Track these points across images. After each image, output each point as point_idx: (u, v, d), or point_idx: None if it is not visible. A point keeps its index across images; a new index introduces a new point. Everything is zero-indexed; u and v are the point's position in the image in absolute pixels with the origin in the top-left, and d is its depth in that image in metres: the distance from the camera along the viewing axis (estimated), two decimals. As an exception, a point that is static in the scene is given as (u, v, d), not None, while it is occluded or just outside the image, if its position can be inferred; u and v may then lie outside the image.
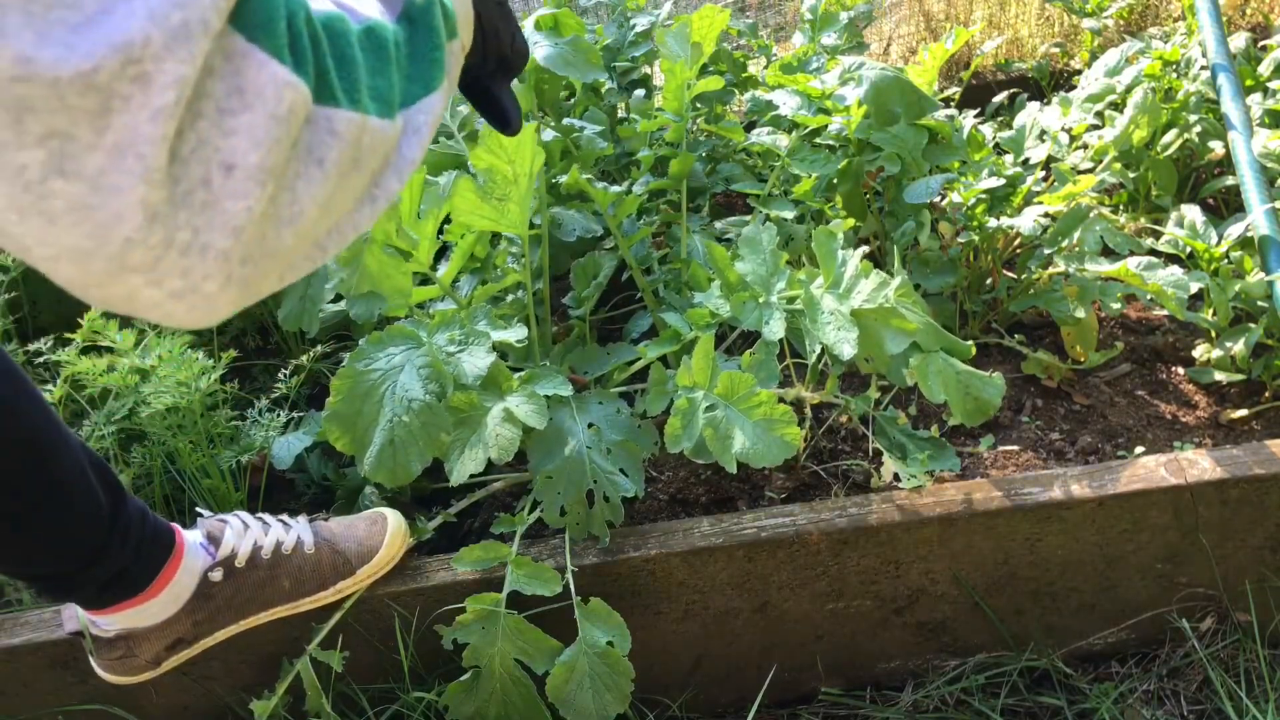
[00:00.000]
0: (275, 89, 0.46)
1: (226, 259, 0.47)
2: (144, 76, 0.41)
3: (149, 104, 0.41)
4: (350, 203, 0.55)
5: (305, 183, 0.50)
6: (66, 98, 0.39)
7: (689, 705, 1.40)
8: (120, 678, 1.17)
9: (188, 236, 0.45)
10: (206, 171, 0.45)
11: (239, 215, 0.46)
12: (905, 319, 1.24)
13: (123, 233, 0.43)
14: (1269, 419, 1.57)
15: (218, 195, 0.46)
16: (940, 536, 1.29)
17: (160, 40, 0.41)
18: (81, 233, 0.42)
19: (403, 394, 1.17)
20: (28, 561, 1.03)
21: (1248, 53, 2.10)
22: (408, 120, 0.58)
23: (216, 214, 0.46)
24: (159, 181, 0.43)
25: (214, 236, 0.46)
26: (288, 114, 0.47)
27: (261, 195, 0.47)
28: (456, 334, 1.25)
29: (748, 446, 1.16)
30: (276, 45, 0.47)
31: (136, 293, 0.46)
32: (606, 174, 1.97)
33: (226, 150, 0.45)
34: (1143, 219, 1.90)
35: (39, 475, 0.96)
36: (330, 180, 0.52)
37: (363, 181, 0.55)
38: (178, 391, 1.37)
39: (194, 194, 0.45)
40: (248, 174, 0.46)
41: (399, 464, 1.16)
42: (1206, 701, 1.35)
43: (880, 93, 1.68)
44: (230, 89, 0.45)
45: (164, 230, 0.44)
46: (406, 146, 0.58)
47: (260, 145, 0.46)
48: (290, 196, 0.49)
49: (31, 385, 0.97)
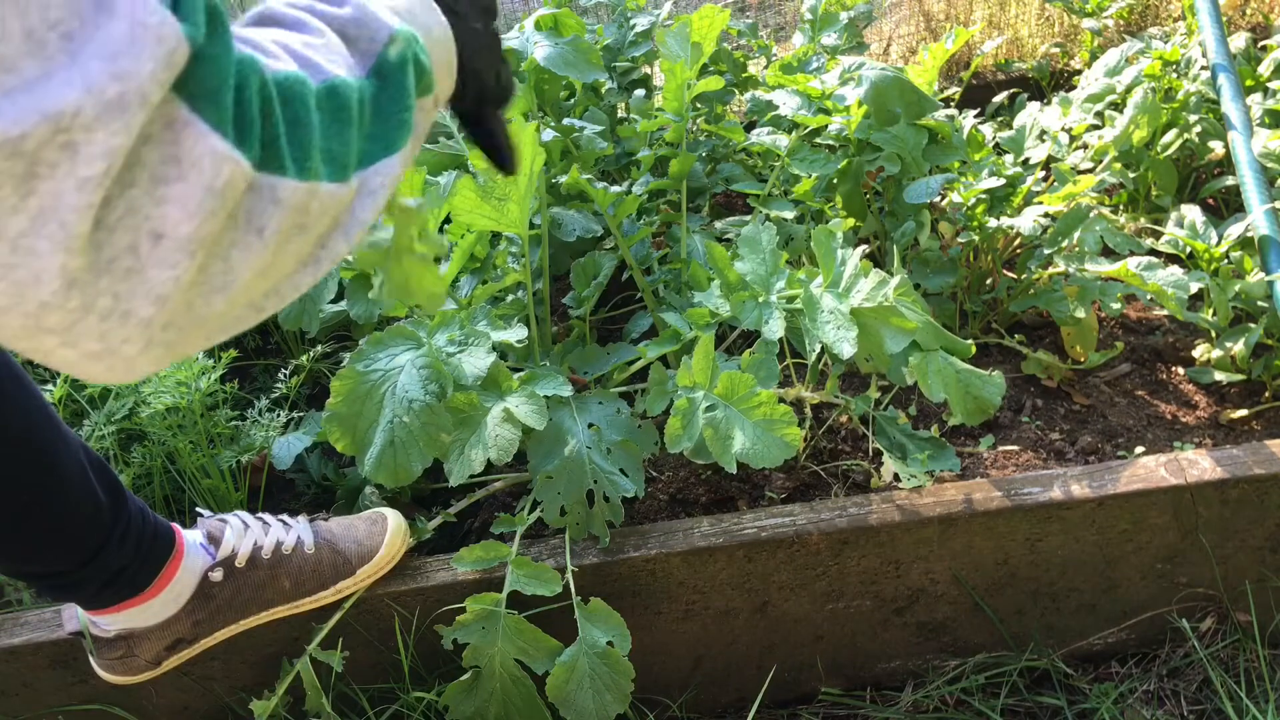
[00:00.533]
0: (214, 161, 0.46)
1: (148, 325, 0.47)
2: (72, 145, 0.41)
3: (75, 173, 0.41)
4: (292, 265, 0.54)
5: (241, 251, 0.49)
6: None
7: (689, 705, 1.40)
8: (120, 678, 1.18)
9: (109, 303, 0.45)
10: (134, 239, 0.45)
11: (164, 284, 0.46)
12: (905, 318, 1.24)
13: (39, 296, 0.43)
14: (1269, 419, 1.57)
15: (144, 263, 0.45)
16: (940, 536, 1.29)
17: (92, 112, 0.41)
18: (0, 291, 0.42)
19: (403, 394, 1.17)
20: (28, 560, 1.03)
21: (1248, 53, 2.10)
22: (363, 182, 0.57)
23: (140, 282, 0.45)
24: (79, 249, 0.43)
25: (136, 304, 0.46)
26: (224, 187, 0.47)
27: (190, 265, 0.46)
28: (456, 334, 1.25)
29: (747, 447, 1.16)
30: (220, 117, 0.46)
31: (52, 351, 0.46)
32: (606, 174, 1.97)
33: (157, 219, 0.45)
34: (1143, 219, 1.90)
35: (39, 474, 0.96)
36: (269, 248, 0.51)
37: (308, 244, 0.54)
38: (178, 391, 1.37)
39: (118, 260, 0.44)
40: (177, 244, 0.46)
41: (400, 464, 1.16)
42: (1206, 701, 1.35)
43: (880, 93, 1.68)
44: (166, 157, 0.45)
45: (82, 296, 0.44)
46: (359, 208, 0.57)
47: (193, 216, 0.46)
48: (224, 265, 0.49)
49: (32, 384, 0.97)
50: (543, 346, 1.52)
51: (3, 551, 1.01)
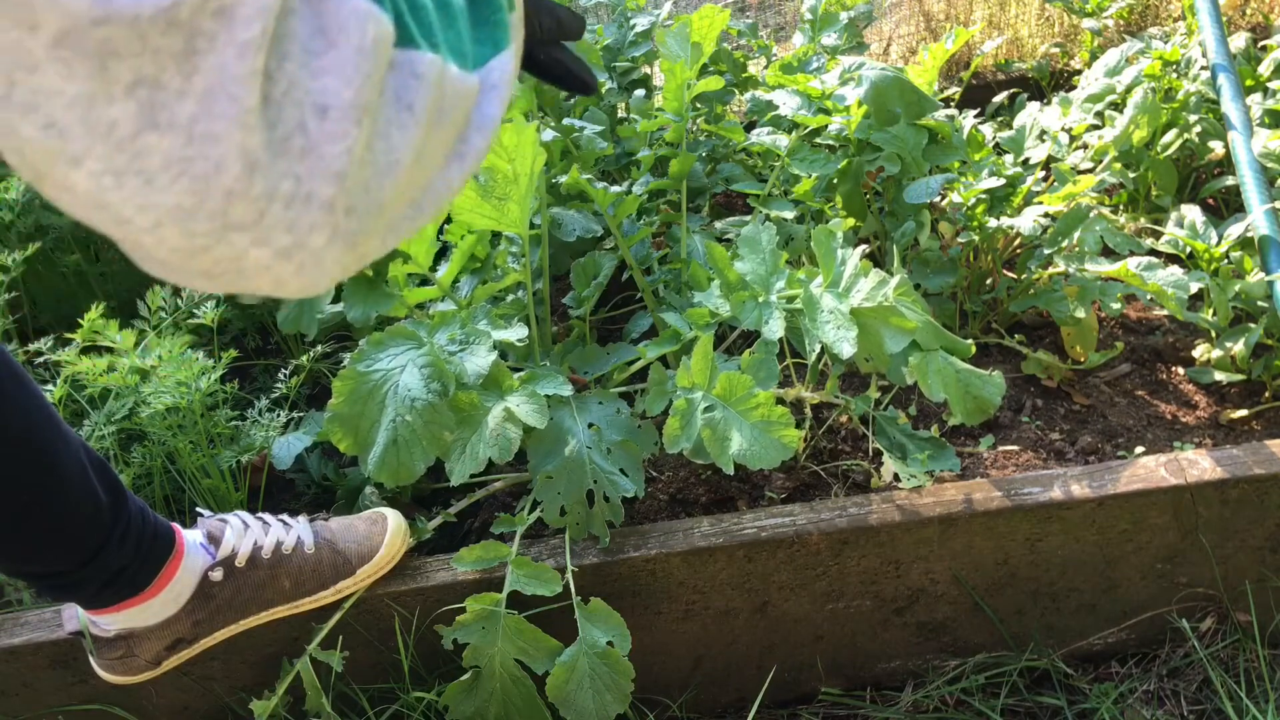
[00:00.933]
0: (358, 22, 0.45)
1: (331, 209, 0.45)
2: (225, 10, 0.39)
3: (234, 39, 0.39)
4: (440, 158, 0.53)
5: (399, 129, 0.48)
6: (150, 38, 0.38)
7: (689, 705, 1.40)
8: (120, 678, 1.18)
9: (290, 186, 0.43)
10: (301, 115, 0.43)
11: (339, 159, 0.45)
12: (905, 317, 1.24)
13: (224, 184, 0.41)
14: (1269, 419, 1.57)
15: (315, 140, 0.44)
16: (940, 536, 1.29)
17: None
18: (181, 189, 0.41)
19: (405, 393, 1.17)
20: (28, 560, 1.03)
21: (1248, 53, 2.10)
22: (483, 78, 0.56)
23: (317, 160, 0.44)
24: (254, 125, 0.41)
25: (317, 184, 0.44)
26: (373, 47, 0.45)
27: (359, 135, 0.45)
28: (457, 333, 1.25)
29: (745, 448, 1.16)
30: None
31: (244, 255, 0.44)
32: (606, 174, 1.97)
33: (318, 91, 0.43)
34: (1143, 219, 1.90)
35: (39, 474, 0.96)
36: (421, 127, 0.50)
37: (449, 136, 0.54)
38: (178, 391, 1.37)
39: (291, 140, 0.43)
40: (343, 113, 0.44)
41: (403, 463, 1.16)
42: (1206, 701, 1.35)
43: (880, 93, 1.68)
44: (313, 28, 0.43)
45: (265, 180, 0.42)
46: (486, 103, 0.56)
47: (351, 82, 0.44)
48: (385, 144, 0.48)
49: (32, 383, 0.97)
50: (543, 346, 1.52)
51: (3, 551, 1.01)
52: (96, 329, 1.35)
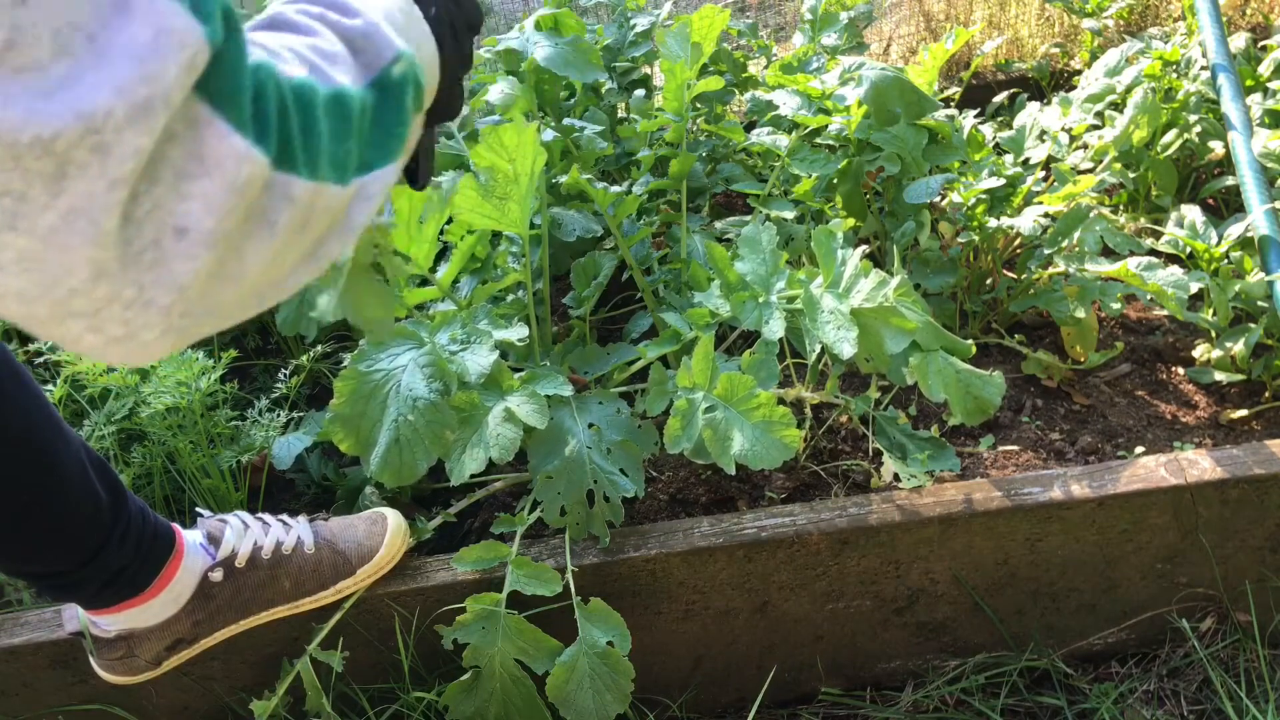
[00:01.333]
0: (235, 160, 0.48)
1: (167, 313, 0.48)
2: (103, 147, 0.42)
3: (106, 173, 0.42)
4: (294, 260, 0.56)
5: (254, 244, 0.51)
6: (23, 159, 0.40)
7: (689, 705, 1.40)
8: (120, 678, 1.18)
9: (133, 292, 0.46)
10: (159, 233, 0.46)
11: (185, 275, 0.48)
12: (905, 318, 1.24)
13: (69, 285, 0.44)
14: (1269, 419, 1.57)
15: (167, 256, 0.47)
16: (940, 536, 1.29)
17: (123, 113, 0.42)
18: (28, 280, 0.44)
19: (407, 393, 1.17)
20: (28, 560, 1.03)
21: (1248, 53, 2.10)
22: (361, 187, 0.59)
23: (164, 273, 0.47)
24: (109, 244, 0.44)
25: (158, 294, 0.47)
26: (245, 184, 0.48)
27: (209, 258, 0.48)
28: (459, 333, 1.25)
29: (746, 448, 1.16)
30: (240, 117, 0.48)
31: (79, 337, 0.47)
32: (606, 174, 1.97)
33: (181, 214, 0.46)
34: (1143, 219, 1.90)
35: (39, 474, 0.96)
36: (278, 242, 0.53)
37: (308, 242, 0.56)
38: (178, 391, 1.37)
39: (144, 254, 0.46)
40: (199, 238, 0.47)
41: (405, 463, 1.16)
42: (1206, 701, 1.35)
43: (880, 93, 1.68)
44: (190, 155, 0.46)
45: (110, 286, 0.45)
46: (355, 211, 0.59)
47: (215, 212, 0.47)
48: (238, 257, 0.51)
49: (33, 383, 0.97)
50: (543, 346, 1.52)
51: (3, 551, 1.01)
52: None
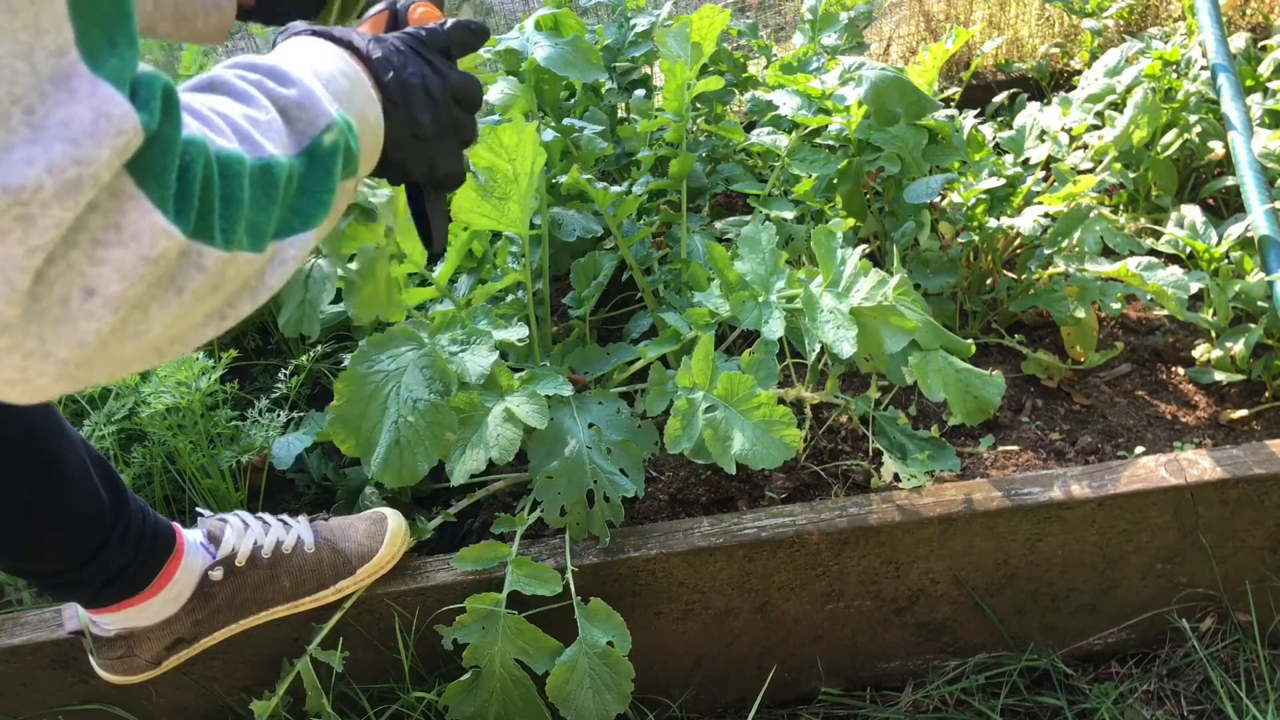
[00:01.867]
0: (152, 235, 0.49)
1: (65, 365, 0.49)
2: (27, 218, 0.43)
3: (27, 241, 0.44)
4: (199, 319, 0.58)
5: (160, 306, 0.53)
6: None
7: (689, 705, 1.40)
8: (120, 677, 1.17)
9: (34, 345, 0.47)
10: (67, 293, 0.47)
11: (87, 334, 0.49)
12: (904, 317, 1.24)
13: None
14: (1269, 419, 1.57)
15: (73, 314, 0.48)
16: (940, 536, 1.29)
17: (51, 190, 0.44)
18: None
19: (407, 394, 1.17)
20: (29, 558, 1.03)
21: (1248, 53, 2.10)
22: (277, 251, 0.61)
23: (66, 330, 0.48)
24: (18, 302, 0.45)
25: (58, 348, 0.48)
26: (158, 257, 0.50)
27: (113, 320, 0.50)
28: (459, 334, 1.25)
29: (747, 448, 1.16)
30: (163, 195, 0.50)
31: None
32: (606, 174, 1.97)
33: (91, 277, 0.48)
34: (1143, 219, 1.90)
35: (41, 472, 0.96)
36: (185, 304, 0.54)
37: (218, 301, 0.58)
38: (178, 391, 1.37)
39: (49, 311, 0.47)
40: (105, 301, 0.49)
41: (406, 464, 1.16)
42: (1206, 701, 1.35)
43: (880, 93, 1.68)
44: (109, 224, 0.48)
45: (11, 338, 0.46)
46: (269, 274, 0.61)
47: (125, 279, 0.49)
48: (142, 317, 0.52)
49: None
50: (543, 346, 1.52)
51: (4, 549, 1.01)
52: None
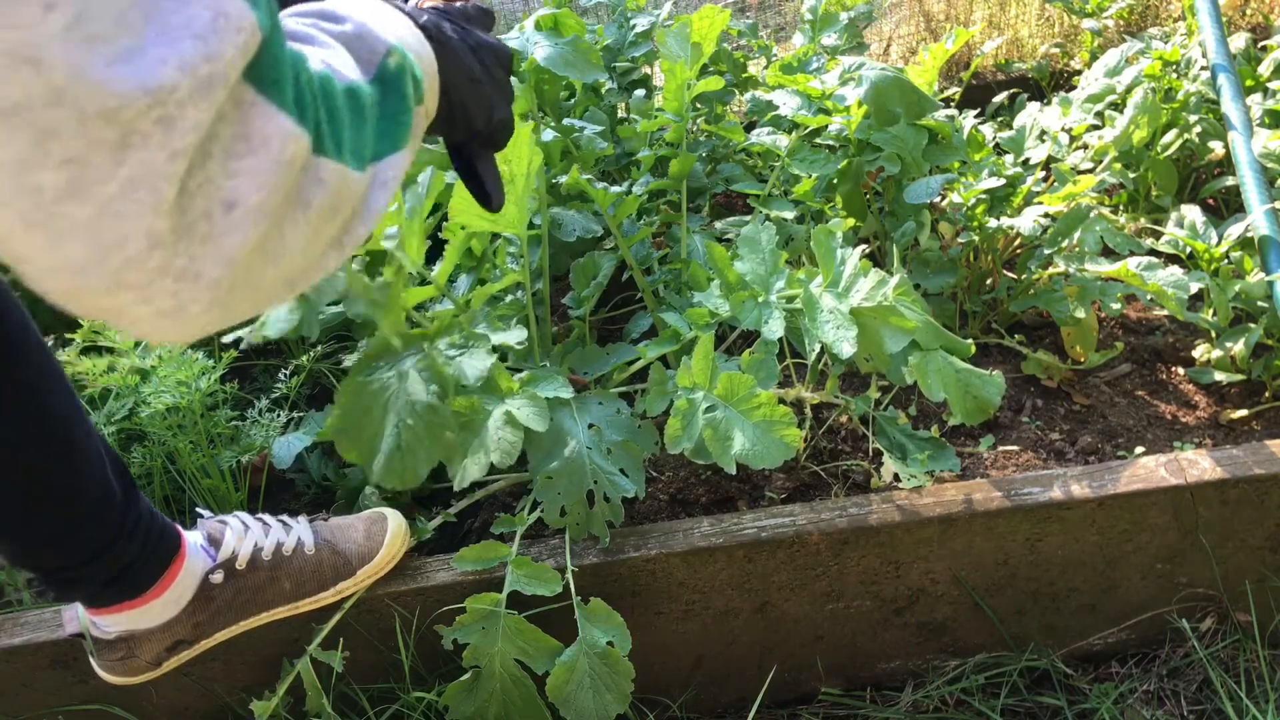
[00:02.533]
0: (281, 138, 0.51)
1: (214, 287, 0.50)
2: (167, 119, 0.44)
3: (168, 145, 0.44)
4: (323, 246, 0.59)
5: (291, 225, 0.54)
6: (89, 128, 0.42)
7: (689, 705, 1.40)
8: (121, 678, 1.17)
9: (184, 263, 0.48)
10: (209, 207, 0.48)
11: (233, 249, 0.50)
12: (904, 317, 1.24)
13: (124, 254, 0.46)
14: (1269, 419, 1.57)
15: (217, 230, 0.49)
16: (940, 537, 1.29)
17: (187, 89, 0.44)
18: (83, 250, 0.45)
19: (406, 398, 1.16)
20: (37, 550, 1.03)
21: (1248, 53, 2.10)
22: (376, 173, 0.62)
23: (214, 247, 0.49)
24: (166, 213, 0.46)
25: (207, 266, 0.49)
26: (290, 161, 0.51)
27: (255, 233, 0.51)
28: (457, 338, 1.24)
29: (747, 448, 1.16)
30: (284, 99, 0.51)
31: (125, 308, 0.48)
32: (606, 174, 1.97)
33: (228, 189, 0.49)
34: (1143, 219, 1.90)
35: (62, 464, 0.97)
36: (312, 224, 0.55)
37: (335, 227, 0.59)
38: (178, 391, 1.37)
39: (196, 226, 0.48)
40: (246, 212, 0.50)
41: (408, 467, 1.15)
42: (1206, 701, 1.35)
43: (880, 93, 1.68)
44: (238, 134, 0.49)
45: (163, 256, 0.47)
46: (373, 198, 0.62)
47: (261, 188, 0.50)
48: (277, 235, 0.53)
49: (61, 372, 0.98)
50: (543, 347, 1.52)
51: (15, 538, 1.01)
52: (96, 329, 1.35)
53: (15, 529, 1.00)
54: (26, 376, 0.93)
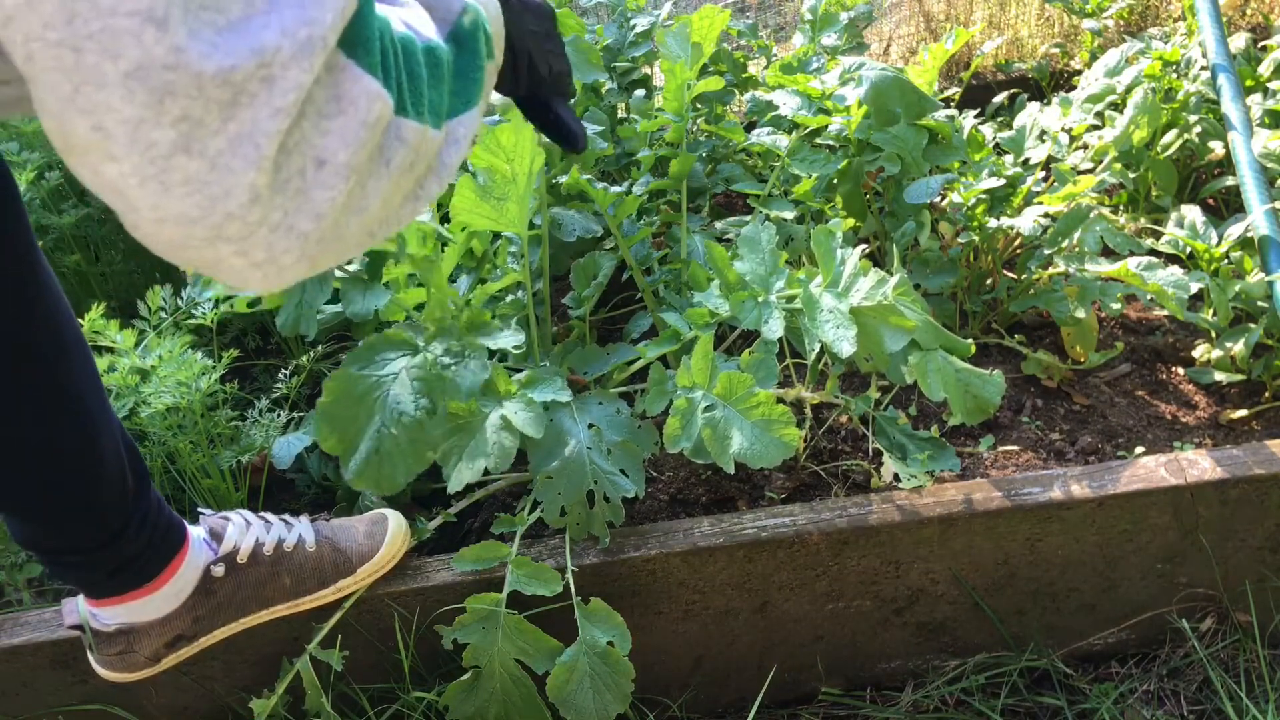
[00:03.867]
0: (367, 100, 0.54)
1: (305, 239, 0.54)
2: (270, 79, 0.48)
3: (272, 103, 0.49)
4: (400, 199, 0.63)
5: (375, 180, 0.58)
6: (205, 88, 0.47)
7: (689, 705, 1.40)
8: (119, 675, 1.17)
9: (279, 217, 0.52)
10: (303, 163, 0.52)
11: (324, 204, 0.54)
12: (904, 316, 1.24)
13: (228, 207, 0.50)
14: (1269, 419, 1.57)
15: (309, 185, 0.53)
16: (940, 537, 1.29)
17: (289, 51, 0.49)
18: (191, 203, 0.49)
19: (394, 405, 1.16)
20: (50, 531, 1.04)
21: (1248, 53, 2.10)
22: (450, 131, 0.66)
23: (306, 201, 0.53)
24: (267, 169, 0.50)
25: (300, 220, 0.53)
26: (375, 121, 0.55)
27: (344, 189, 0.55)
28: (454, 344, 1.24)
29: (745, 447, 1.16)
30: (371, 62, 0.55)
31: (224, 259, 0.53)
32: (606, 174, 1.97)
33: (320, 147, 0.53)
34: (1143, 219, 1.90)
35: (83, 445, 0.98)
36: (393, 179, 0.59)
37: (411, 182, 0.63)
38: (178, 391, 1.37)
39: (290, 182, 0.52)
40: (336, 169, 0.54)
41: (384, 475, 1.14)
42: (1206, 701, 1.35)
43: (880, 93, 1.68)
44: (330, 96, 0.53)
45: (262, 210, 0.51)
46: (447, 154, 0.66)
47: (349, 146, 0.54)
48: (362, 193, 0.57)
49: (90, 355, 1.00)
50: (543, 347, 1.52)
51: (30, 518, 1.02)
52: (97, 329, 1.35)
53: (33, 508, 1.01)
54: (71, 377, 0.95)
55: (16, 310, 0.90)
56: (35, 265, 0.91)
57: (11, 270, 0.88)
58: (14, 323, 0.90)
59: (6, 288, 0.88)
